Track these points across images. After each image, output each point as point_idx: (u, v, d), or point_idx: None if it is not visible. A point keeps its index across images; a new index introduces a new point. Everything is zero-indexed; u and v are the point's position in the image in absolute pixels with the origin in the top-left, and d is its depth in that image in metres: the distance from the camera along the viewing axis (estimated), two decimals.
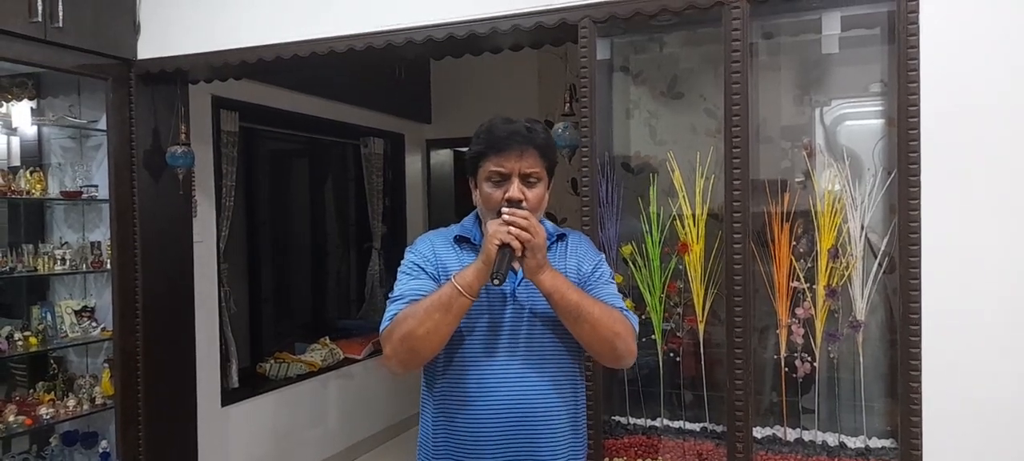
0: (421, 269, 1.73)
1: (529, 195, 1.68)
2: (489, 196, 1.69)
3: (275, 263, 4.67)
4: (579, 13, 2.31)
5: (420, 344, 1.62)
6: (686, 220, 2.31)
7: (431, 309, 1.60)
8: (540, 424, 1.71)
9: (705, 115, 2.42)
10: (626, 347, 1.70)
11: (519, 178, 1.68)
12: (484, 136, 1.71)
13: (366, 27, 2.58)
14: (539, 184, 1.71)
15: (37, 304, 3.12)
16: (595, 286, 1.75)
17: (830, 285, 2.17)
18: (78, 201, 3.15)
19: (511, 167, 1.67)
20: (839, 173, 2.18)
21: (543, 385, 1.71)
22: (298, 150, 4.88)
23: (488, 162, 1.69)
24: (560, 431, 1.73)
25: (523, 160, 1.67)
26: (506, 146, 1.67)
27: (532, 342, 1.71)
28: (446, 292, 1.60)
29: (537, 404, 1.70)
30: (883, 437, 2.17)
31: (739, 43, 2.14)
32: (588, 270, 1.77)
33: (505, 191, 1.67)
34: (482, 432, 1.69)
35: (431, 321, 1.60)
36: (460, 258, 1.74)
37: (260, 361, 4.29)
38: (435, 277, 1.72)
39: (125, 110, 2.99)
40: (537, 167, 1.69)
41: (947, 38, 2.00)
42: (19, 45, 2.63)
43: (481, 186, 1.72)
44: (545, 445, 1.71)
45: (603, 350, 1.69)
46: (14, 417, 2.85)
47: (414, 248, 1.80)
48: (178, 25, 2.91)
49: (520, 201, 1.65)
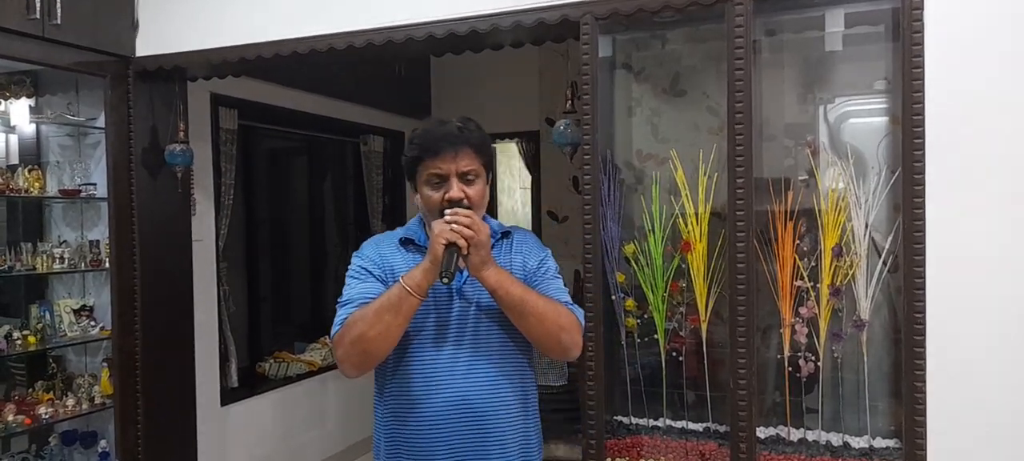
0: (368, 272, 1.78)
1: (469, 192, 1.73)
2: (429, 198, 1.74)
3: (274, 262, 4.65)
4: (581, 10, 2.29)
5: (372, 346, 1.67)
6: (689, 218, 2.30)
7: (381, 311, 1.65)
8: (491, 414, 1.75)
9: (708, 113, 2.40)
10: (571, 340, 1.76)
11: (457, 177, 1.72)
12: (419, 140, 1.75)
13: (366, 24, 2.56)
14: (478, 181, 1.75)
15: (36, 303, 3.11)
16: (541, 282, 1.80)
17: (834, 284, 2.16)
18: (76, 199, 3.14)
19: (448, 168, 1.72)
20: (843, 171, 2.16)
21: (492, 376, 1.76)
22: (297, 148, 4.86)
23: (425, 165, 1.74)
24: (511, 421, 1.78)
25: (459, 160, 1.72)
26: (441, 148, 1.71)
27: (479, 336, 1.76)
28: (395, 293, 1.64)
29: (487, 394, 1.75)
30: (887, 437, 2.16)
31: (742, 40, 2.13)
32: (533, 266, 1.82)
33: (445, 192, 1.72)
34: (434, 426, 1.73)
35: (382, 323, 1.65)
36: (406, 260, 1.78)
37: (259, 360, 4.28)
38: (382, 279, 1.76)
39: (123, 108, 2.98)
40: (474, 165, 1.74)
41: (952, 35, 1.99)
42: (17, 42, 2.61)
43: (421, 189, 1.77)
44: (496, 435, 1.76)
45: (549, 343, 1.75)
46: (13, 416, 2.84)
47: (360, 253, 1.84)
48: (177, 22, 2.90)
49: (461, 200, 1.70)
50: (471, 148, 1.74)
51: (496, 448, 1.75)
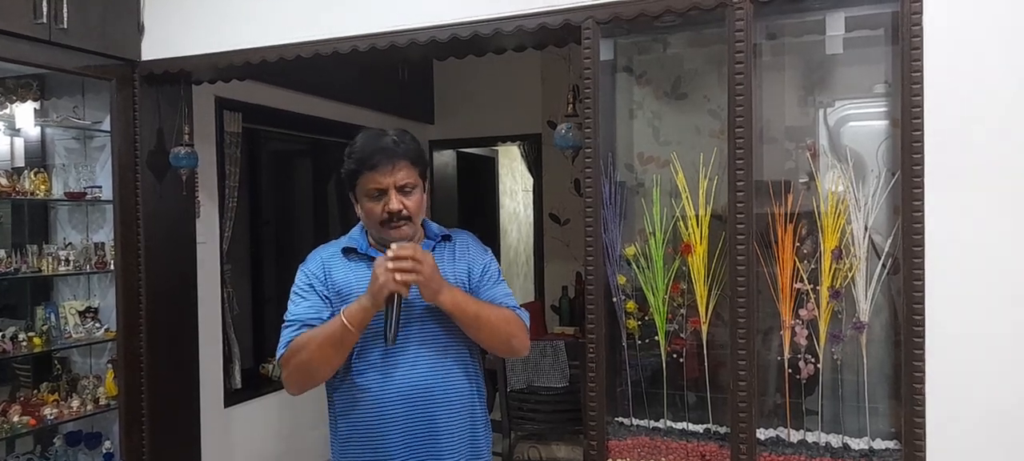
0: (312, 288, 1.85)
1: (408, 203, 1.79)
2: (371, 210, 1.81)
3: (278, 264, 4.67)
4: (583, 14, 2.31)
5: (315, 373, 1.80)
6: (690, 221, 2.31)
7: (324, 344, 1.75)
8: (440, 399, 1.81)
9: (709, 116, 2.41)
10: (520, 343, 1.88)
11: (395, 190, 1.78)
12: (356, 153, 1.81)
13: (369, 28, 2.58)
14: (415, 191, 1.82)
15: (41, 305, 3.12)
16: (488, 287, 1.89)
17: (834, 286, 2.17)
18: (82, 202, 3.15)
19: (386, 182, 1.78)
20: (843, 174, 2.18)
21: (439, 363, 1.82)
22: (301, 151, 4.88)
23: (363, 179, 1.80)
24: (460, 408, 1.85)
25: (396, 173, 1.78)
26: (378, 162, 1.77)
27: (425, 328, 1.83)
28: (337, 329, 1.73)
29: (435, 381, 1.81)
30: (887, 439, 2.16)
31: (743, 44, 2.14)
32: (478, 273, 1.90)
33: (385, 204, 1.78)
34: (385, 413, 1.80)
35: (323, 354, 1.76)
36: (347, 271, 1.85)
37: (263, 362, 4.29)
38: (325, 296, 1.84)
39: (129, 111, 3.00)
40: (411, 177, 1.80)
41: (951, 38, 2.00)
42: (24, 46, 2.63)
43: (361, 201, 1.84)
44: (445, 421, 1.82)
45: (499, 347, 1.88)
46: (18, 417, 2.86)
47: (305, 267, 1.91)
48: (182, 26, 2.92)
49: (400, 211, 1.77)
50: (407, 160, 1.79)
51: (445, 434, 1.82)
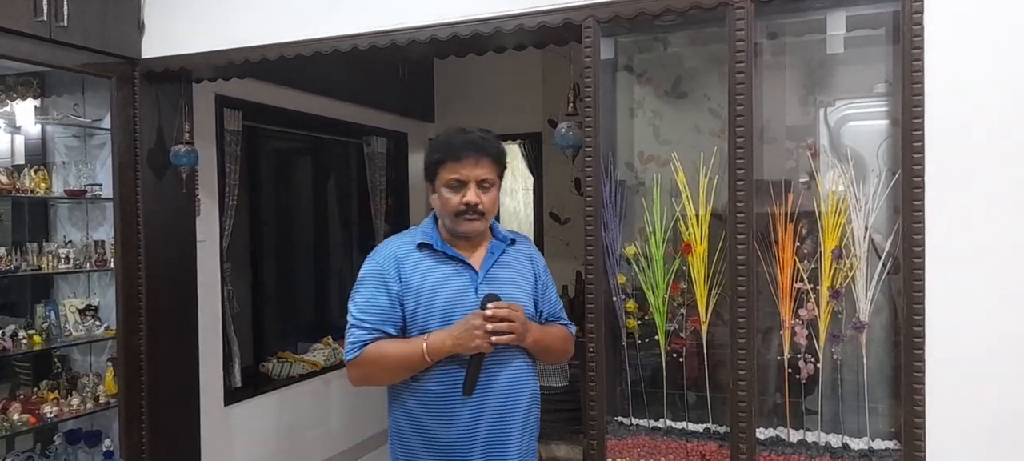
0: (383, 285, 1.89)
1: (484, 199, 1.88)
2: (447, 200, 1.88)
3: (278, 262, 4.67)
4: (583, 13, 2.30)
5: (383, 383, 1.93)
6: (690, 220, 2.31)
7: (400, 367, 1.85)
8: (511, 399, 1.89)
9: (709, 115, 2.41)
10: (568, 355, 2.10)
11: (475, 184, 1.86)
12: (442, 145, 1.90)
13: (370, 26, 2.58)
14: (492, 189, 1.90)
15: (41, 302, 3.12)
16: (546, 295, 2.03)
17: (834, 286, 2.17)
18: (82, 200, 3.15)
19: (468, 174, 1.86)
20: (843, 174, 2.17)
21: (517, 359, 1.91)
22: (301, 149, 4.88)
23: (446, 169, 1.87)
24: (528, 402, 1.94)
25: (479, 167, 1.86)
26: (463, 154, 1.86)
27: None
28: (416, 358, 1.82)
29: (507, 382, 1.89)
30: (887, 439, 2.16)
31: (743, 43, 2.14)
32: (541, 280, 2.02)
33: (463, 196, 1.85)
34: (455, 417, 1.85)
35: (397, 373, 1.87)
36: (422, 267, 1.90)
37: (263, 360, 4.30)
38: (397, 293, 1.87)
39: (129, 109, 3.00)
40: (491, 174, 1.89)
41: (952, 38, 2.00)
42: (24, 44, 2.63)
43: (440, 191, 1.90)
44: (515, 420, 1.90)
45: (553, 361, 2.12)
46: (18, 415, 2.86)
47: (375, 259, 1.94)
48: (182, 24, 2.92)
49: (476, 204, 1.85)
50: (491, 159, 1.88)
51: (515, 434, 1.90)
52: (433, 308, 1.86)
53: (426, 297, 1.86)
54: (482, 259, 1.93)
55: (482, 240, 1.95)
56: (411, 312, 1.87)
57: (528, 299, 1.95)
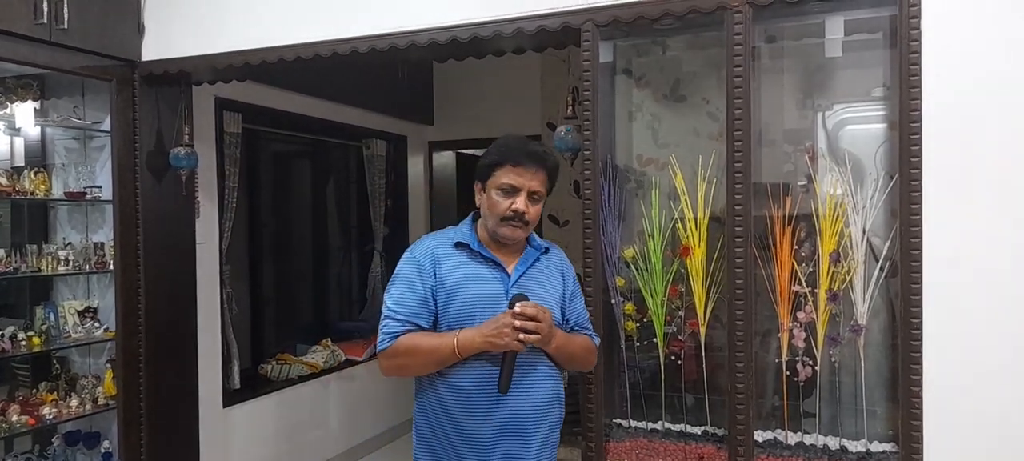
0: (419, 279, 1.92)
1: (531, 211, 1.90)
2: (497, 203, 1.90)
3: (277, 264, 4.67)
4: (582, 17, 2.31)
5: (414, 374, 1.94)
6: (688, 223, 2.31)
7: (430, 360, 1.87)
8: (531, 401, 1.90)
9: (708, 118, 2.42)
10: (591, 365, 2.10)
11: (527, 194, 1.89)
12: (504, 149, 1.92)
13: (369, 30, 2.59)
14: (540, 202, 1.93)
15: (40, 304, 3.12)
16: (574, 304, 2.02)
17: (832, 289, 2.18)
18: (82, 202, 3.16)
19: (524, 183, 1.88)
20: (841, 177, 2.18)
21: (533, 368, 1.91)
22: (300, 152, 4.88)
23: (503, 172, 1.89)
24: (549, 406, 1.94)
25: (535, 179, 1.89)
26: (524, 162, 1.89)
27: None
28: (447, 353, 1.84)
29: (530, 384, 1.90)
30: (884, 441, 2.17)
31: (741, 47, 2.15)
32: (570, 288, 2.02)
33: (512, 203, 1.88)
34: (478, 416, 1.87)
35: (427, 367, 1.89)
36: (458, 266, 1.91)
37: (262, 362, 4.30)
38: (432, 288, 1.90)
39: (129, 112, 3.01)
40: (543, 187, 1.92)
41: (949, 42, 2.01)
42: (24, 47, 2.64)
43: (490, 193, 1.92)
44: (534, 421, 1.90)
45: (576, 369, 2.09)
46: (17, 417, 2.86)
47: (413, 254, 1.97)
48: (182, 27, 2.92)
49: (523, 213, 1.87)
50: (546, 173, 1.91)
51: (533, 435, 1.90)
52: (464, 305, 1.88)
53: (458, 294, 1.89)
54: (515, 264, 1.95)
55: (518, 247, 1.97)
56: (442, 307, 1.89)
57: (556, 306, 1.96)
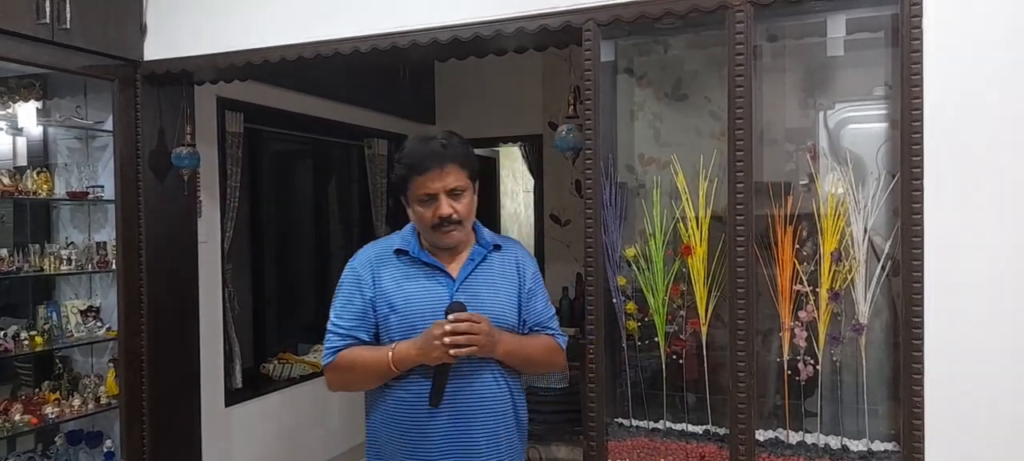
0: (359, 292, 1.87)
1: (458, 207, 1.80)
2: (421, 215, 1.82)
3: (279, 264, 4.68)
4: (583, 16, 2.31)
5: (356, 389, 1.96)
6: (690, 222, 2.31)
7: (368, 374, 1.86)
8: (477, 404, 1.85)
9: (709, 117, 2.42)
10: (558, 367, 2.04)
11: (445, 194, 1.78)
12: (405, 159, 1.82)
13: (371, 29, 2.59)
14: (465, 194, 1.82)
15: (43, 304, 3.13)
16: (530, 305, 1.93)
17: (833, 288, 2.17)
18: (84, 201, 3.16)
19: (436, 187, 1.78)
20: (843, 176, 2.18)
21: (477, 369, 1.84)
22: (302, 151, 4.89)
23: (414, 185, 1.80)
24: (497, 408, 1.88)
25: (445, 177, 1.78)
26: (427, 167, 1.77)
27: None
28: (383, 367, 1.81)
29: (473, 387, 1.84)
30: (886, 440, 2.17)
31: (743, 46, 2.14)
32: (528, 286, 1.93)
33: (435, 209, 1.78)
34: (423, 421, 1.83)
35: (366, 381, 1.89)
36: (397, 274, 1.86)
37: (264, 362, 4.31)
38: (371, 299, 1.86)
39: (131, 111, 3.01)
40: (460, 180, 1.80)
41: (950, 41, 2.00)
42: (26, 46, 2.64)
43: (412, 206, 1.84)
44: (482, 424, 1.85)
45: (540, 372, 2.22)
46: (20, 416, 2.87)
47: (353, 266, 1.92)
48: (184, 27, 2.93)
49: (451, 215, 1.78)
50: (456, 164, 1.79)
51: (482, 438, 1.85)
52: (402, 316, 1.82)
53: (397, 304, 1.83)
54: (461, 266, 1.87)
55: (463, 247, 1.89)
56: (383, 318, 1.84)
57: (509, 307, 1.89)
